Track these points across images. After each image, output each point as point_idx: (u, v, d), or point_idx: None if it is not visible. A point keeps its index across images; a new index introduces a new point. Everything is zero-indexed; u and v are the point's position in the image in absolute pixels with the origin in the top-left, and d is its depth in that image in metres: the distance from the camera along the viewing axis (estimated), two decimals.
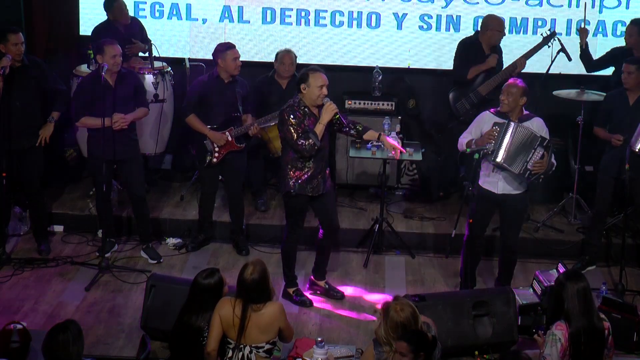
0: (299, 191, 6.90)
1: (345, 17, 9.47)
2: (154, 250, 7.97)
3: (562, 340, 5.46)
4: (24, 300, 7.15)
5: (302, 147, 6.74)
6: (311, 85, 6.77)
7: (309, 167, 6.87)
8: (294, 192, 6.91)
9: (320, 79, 6.77)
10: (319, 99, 6.78)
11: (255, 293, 5.56)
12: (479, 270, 7.57)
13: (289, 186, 6.91)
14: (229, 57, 7.69)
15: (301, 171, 6.87)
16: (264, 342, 5.62)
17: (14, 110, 7.53)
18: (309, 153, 6.77)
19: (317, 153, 6.82)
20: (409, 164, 9.18)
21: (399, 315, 5.15)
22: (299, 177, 6.88)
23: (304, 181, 6.88)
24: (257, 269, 5.57)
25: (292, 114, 6.79)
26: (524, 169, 6.80)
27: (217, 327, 5.58)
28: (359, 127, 7.03)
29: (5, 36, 7.44)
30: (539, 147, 6.77)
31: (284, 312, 5.68)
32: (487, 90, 8.43)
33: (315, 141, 6.73)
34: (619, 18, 9.31)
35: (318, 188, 6.93)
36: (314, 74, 6.78)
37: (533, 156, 6.77)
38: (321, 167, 6.91)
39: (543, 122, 6.98)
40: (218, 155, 7.82)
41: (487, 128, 6.90)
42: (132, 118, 7.60)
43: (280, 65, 8.59)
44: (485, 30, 8.53)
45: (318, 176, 6.90)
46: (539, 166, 6.79)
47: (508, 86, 6.92)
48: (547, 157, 6.78)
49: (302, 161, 6.85)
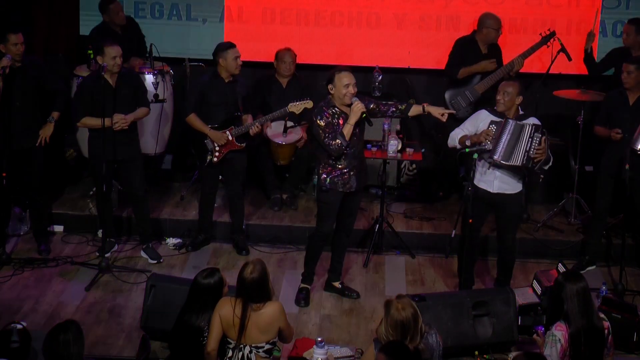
0: (330, 186, 6.97)
1: (345, 17, 9.47)
2: (154, 251, 7.97)
3: (562, 341, 5.46)
4: (24, 300, 7.16)
5: (329, 147, 6.83)
6: (337, 85, 6.83)
7: (340, 164, 6.94)
8: (324, 187, 6.99)
9: (346, 78, 6.81)
10: (346, 97, 6.82)
11: (255, 292, 5.57)
12: (477, 270, 7.57)
13: (321, 181, 7.01)
14: (229, 56, 7.70)
15: (333, 168, 6.95)
16: (264, 342, 5.62)
17: (14, 110, 7.54)
18: (337, 153, 6.86)
19: (348, 151, 6.88)
20: (409, 164, 9.18)
21: (400, 314, 5.15)
22: (329, 172, 6.96)
23: (335, 176, 6.95)
24: (257, 268, 5.58)
25: (320, 115, 6.87)
26: (526, 158, 6.78)
27: (217, 327, 5.58)
28: (401, 107, 7.07)
29: (5, 36, 7.45)
30: (535, 133, 6.76)
31: (284, 312, 5.68)
32: (484, 89, 8.44)
33: (342, 141, 6.80)
34: (619, 18, 9.31)
35: (350, 184, 6.98)
36: (339, 74, 6.84)
37: (532, 144, 6.76)
38: (353, 165, 6.96)
39: (538, 121, 6.97)
40: (219, 155, 7.82)
41: (484, 126, 6.90)
42: (133, 118, 7.61)
43: (281, 63, 8.60)
44: (482, 28, 8.53)
45: (350, 172, 6.95)
46: (541, 152, 6.77)
47: (504, 85, 6.92)
48: (544, 143, 6.77)
49: (333, 159, 6.92)
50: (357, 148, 6.99)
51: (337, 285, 7.43)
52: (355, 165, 6.99)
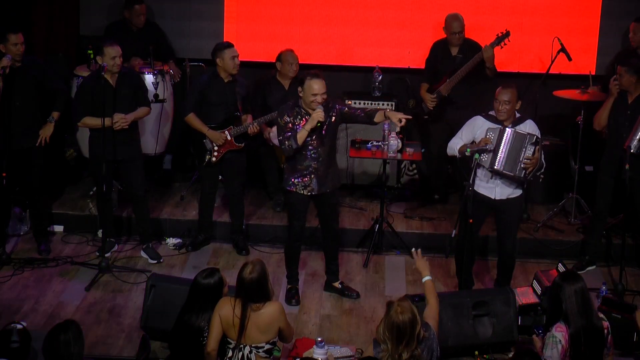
0: (291, 187, 7.04)
1: (345, 17, 9.46)
2: (153, 250, 7.97)
3: (562, 342, 5.46)
4: (24, 300, 7.16)
5: (282, 146, 6.95)
6: (306, 91, 6.87)
7: (301, 166, 6.97)
8: (287, 188, 7.08)
9: (315, 87, 6.81)
10: (312, 104, 6.86)
11: (254, 292, 5.57)
12: (477, 270, 7.58)
13: (284, 181, 7.11)
14: (227, 55, 7.71)
15: (294, 169, 7.01)
16: (264, 342, 5.62)
17: (13, 110, 7.54)
18: (288, 154, 6.96)
19: (306, 153, 6.91)
20: (409, 164, 9.18)
21: (397, 317, 5.13)
22: (291, 173, 7.03)
23: (296, 178, 7.01)
24: (256, 268, 5.58)
25: (283, 114, 6.95)
26: (519, 168, 6.80)
27: (217, 327, 5.58)
28: (368, 113, 7.10)
29: (5, 36, 7.45)
30: (528, 144, 6.78)
31: (283, 312, 5.68)
32: (447, 92, 8.49)
33: (294, 144, 6.85)
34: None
35: (311, 187, 7.00)
36: (309, 81, 6.84)
37: (524, 154, 6.77)
38: (314, 167, 6.97)
39: (535, 124, 6.98)
40: (217, 155, 7.83)
41: (481, 134, 6.90)
42: (133, 118, 7.61)
43: (287, 65, 8.52)
44: (445, 32, 8.58)
45: (311, 175, 6.97)
46: (529, 163, 6.78)
47: (501, 94, 6.84)
48: (538, 153, 6.78)
49: (296, 159, 6.97)
50: (322, 152, 6.96)
51: (337, 285, 7.45)
52: (317, 169, 6.97)
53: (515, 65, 9.30)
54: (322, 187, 7.05)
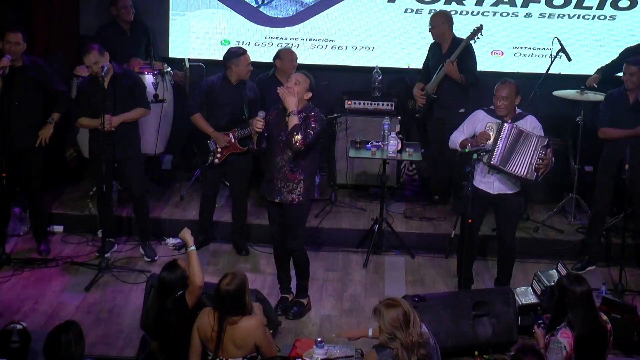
0: (261, 189, 6.99)
1: (345, 16, 9.46)
2: (151, 248, 7.96)
3: (567, 348, 5.40)
4: (24, 300, 7.15)
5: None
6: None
7: (267, 169, 6.90)
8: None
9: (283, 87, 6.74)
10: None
11: (230, 305, 5.44)
12: (477, 270, 7.57)
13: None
14: (242, 62, 7.71)
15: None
16: (240, 357, 5.50)
17: (13, 110, 7.53)
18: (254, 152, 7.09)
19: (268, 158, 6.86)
20: (409, 164, 9.17)
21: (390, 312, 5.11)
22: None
23: (263, 180, 6.94)
24: (235, 281, 5.45)
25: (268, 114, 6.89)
26: (530, 171, 6.79)
27: (196, 341, 5.51)
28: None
29: (4, 36, 7.45)
30: (541, 147, 6.77)
31: (260, 328, 5.51)
32: (433, 89, 8.49)
33: (252, 144, 6.94)
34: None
35: (271, 193, 6.82)
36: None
37: (535, 157, 6.77)
38: (272, 174, 6.79)
39: (536, 119, 6.98)
40: (220, 156, 7.83)
41: (481, 127, 6.91)
42: (122, 120, 7.54)
43: (287, 62, 8.50)
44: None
45: (273, 180, 6.78)
46: (542, 164, 6.80)
47: (499, 90, 6.87)
48: (549, 154, 6.80)
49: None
50: (278, 160, 6.73)
51: (288, 297, 7.15)
52: (275, 176, 6.78)
53: (515, 65, 9.31)
54: (275, 196, 6.81)
